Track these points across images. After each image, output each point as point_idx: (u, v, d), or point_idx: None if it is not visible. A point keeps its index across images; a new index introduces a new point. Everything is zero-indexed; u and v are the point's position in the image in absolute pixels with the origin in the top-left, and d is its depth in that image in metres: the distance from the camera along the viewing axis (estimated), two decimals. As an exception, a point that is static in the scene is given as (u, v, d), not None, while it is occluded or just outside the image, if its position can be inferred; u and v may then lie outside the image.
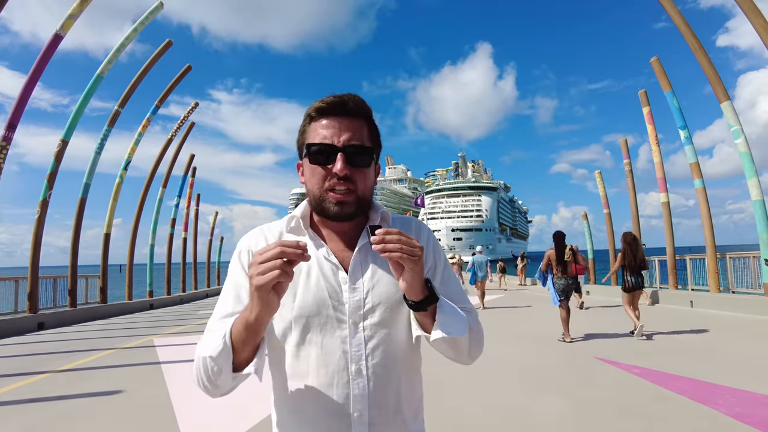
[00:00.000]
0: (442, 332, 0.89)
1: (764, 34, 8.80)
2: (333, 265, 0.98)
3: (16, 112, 9.31)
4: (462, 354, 0.97)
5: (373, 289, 0.97)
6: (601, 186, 17.88)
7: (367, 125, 0.99)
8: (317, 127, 0.96)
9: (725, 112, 10.28)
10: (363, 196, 0.97)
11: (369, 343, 0.95)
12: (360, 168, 0.95)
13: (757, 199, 9.82)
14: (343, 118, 0.96)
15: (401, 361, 0.98)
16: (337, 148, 0.93)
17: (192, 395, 4.65)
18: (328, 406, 0.93)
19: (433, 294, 0.89)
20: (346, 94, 0.97)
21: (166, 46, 13.49)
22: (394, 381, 0.97)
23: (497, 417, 3.89)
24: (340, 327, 0.95)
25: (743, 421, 3.51)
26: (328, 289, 0.95)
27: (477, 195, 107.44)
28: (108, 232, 14.11)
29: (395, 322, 0.97)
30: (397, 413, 0.97)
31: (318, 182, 0.95)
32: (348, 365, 0.93)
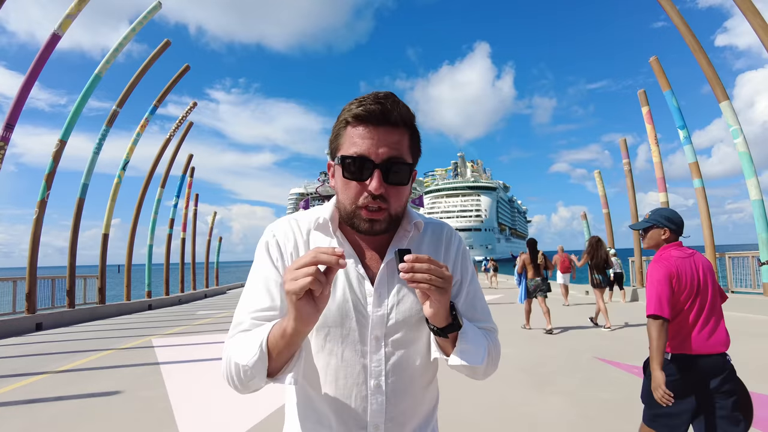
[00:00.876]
0: (460, 360, 0.88)
1: (763, 33, 8.81)
2: (360, 275, 0.93)
3: (13, 112, 9.28)
4: (477, 375, 0.97)
5: (398, 305, 0.93)
6: (600, 186, 17.91)
7: (409, 135, 0.91)
8: (354, 135, 0.88)
9: (724, 111, 10.29)
10: (396, 213, 0.91)
11: (390, 360, 0.92)
12: (396, 186, 0.88)
13: (756, 198, 9.83)
14: (382, 127, 0.87)
15: (420, 377, 0.98)
16: (374, 164, 0.86)
17: (190, 395, 4.63)
18: (345, 416, 0.92)
19: (457, 322, 0.86)
20: (387, 98, 0.88)
21: (165, 45, 13.47)
22: (412, 397, 0.96)
23: (496, 417, 3.89)
24: (362, 341, 0.92)
25: (743, 421, 3.51)
26: (353, 301, 0.92)
27: (476, 195, 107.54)
28: (106, 233, 14.08)
29: (417, 340, 0.95)
30: (415, 422, 0.98)
31: (351, 197, 0.89)
32: (367, 380, 0.92)
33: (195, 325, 10.32)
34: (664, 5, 11.02)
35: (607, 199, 17.72)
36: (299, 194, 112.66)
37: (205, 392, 4.78)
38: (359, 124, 0.87)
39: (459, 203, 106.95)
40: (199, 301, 18.66)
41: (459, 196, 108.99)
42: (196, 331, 9.27)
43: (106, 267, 13.57)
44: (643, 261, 14.77)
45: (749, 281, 10.69)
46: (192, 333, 9.07)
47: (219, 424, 3.86)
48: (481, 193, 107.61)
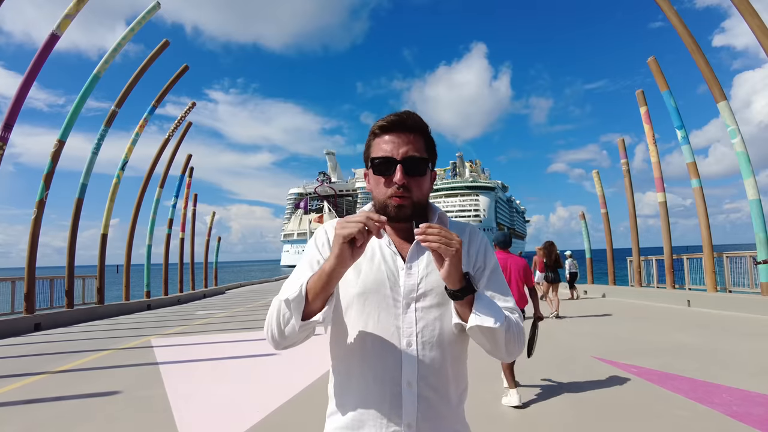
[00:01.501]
0: (477, 320, 0.99)
1: (760, 34, 8.84)
2: (392, 252, 1.12)
3: (12, 112, 9.27)
4: (499, 347, 1.05)
5: (427, 277, 1.09)
6: (598, 186, 17.93)
7: (423, 138, 1.13)
8: (380, 142, 1.11)
9: (722, 112, 10.32)
10: (418, 200, 1.10)
11: (419, 323, 1.07)
12: (416, 177, 1.09)
13: (753, 198, 9.87)
14: (401, 133, 1.10)
15: (448, 344, 1.09)
16: (396, 161, 1.07)
17: (190, 395, 4.64)
18: (382, 372, 1.05)
19: (470, 286, 1.00)
20: (405, 112, 1.12)
21: (163, 46, 13.45)
22: (442, 360, 1.07)
23: (494, 417, 3.90)
24: (396, 306, 1.08)
25: (741, 420, 3.53)
26: (387, 272, 1.10)
27: (475, 195, 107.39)
28: (105, 233, 14.05)
29: (444, 308, 1.09)
30: (444, 393, 1.08)
31: (381, 190, 1.10)
32: (400, 339, 1.06)
33: (194, 325, 10.32)
34: (662, 5, 11.04)
35: (605, 199, 17.74)
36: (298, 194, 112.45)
37: (205, 392, 4.78)
38: (383, 133, 1.11)
39: (458, 203, 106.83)
40: (198, 301, 18.64)
41: (458, 195, 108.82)
42: (195, 331, 9.27)
43: (104, 267, 13.55)
44: (641, 261, 14.80)
45: (747, 281, 10.73)
46: (191, 333, 9.07)
47: (218, 424, 3.87)
48: (479, 193, 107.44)
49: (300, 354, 5.77)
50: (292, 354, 6.15)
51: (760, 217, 9.68)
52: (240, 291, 24.00)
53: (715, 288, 11.01)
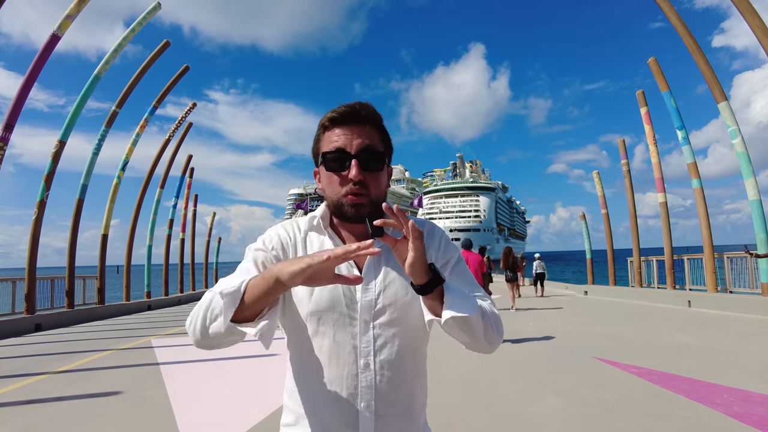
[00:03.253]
0: (451, 312, 0.90)
1: (760, 34, 8.84)
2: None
3: (13, 113, 9.28)
4: (477, 337, 0.96)
5: (385, 291, 1.02)
6: (599, 186, 17.91)
7: (378, 131, 1.04)
8: (331, 135, 1.01)
9: (722, 112, 10.32)
10: (376, 198, 1.01)
11: (378, 341, 1.00)
12: (373, 172, 1.01)
13: (754, 198, 9.86)
14: (355, 126, 1.01)
15: (408, 358, 1.03)
16: (351, 155, 0.99)
17: (190, 395, 4.64)
18: (338, 395, 0.99)
19: (438, 276, 0.91)
20: (357, 102, 1.02)
21: (164, 46, 13.46)
22: (401, 376, 1.01)
23: (494, 416, 3.89)
24: (352, 324, 1.00)
25: (741, 420, 3.52)
26: (343, 288, 1.01)
27: (475, 195, 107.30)
28: (105, 233, 14.06)
29: (404, 322, 1.02)
30: (404, 407, 1.02)
31: (335, 188, 1.01)
32: (357, 360, 0.99)
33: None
34: (662, 6, 11.05)
35: (605, 200, 17.73)
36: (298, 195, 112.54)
37: (205, 392, 4.78)
38: (334, 126, 1.02)
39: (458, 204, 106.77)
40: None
41: (458, 196, 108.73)
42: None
43: (105, 267, 13.55)
44: (642, 262, 14.79)
45: (747, 281, 10.72)
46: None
47: (219, 424, 3.87)
48: (479, 194, 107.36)
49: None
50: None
51: (761, 217, 9.67)
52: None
53: (715, 288, 11.00)
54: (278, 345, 1.07)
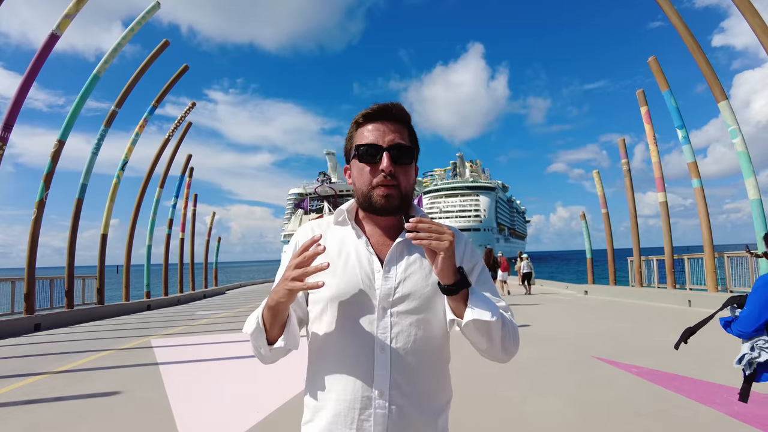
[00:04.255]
0: (473, 314, 0.95)
1: (761, 33, 8.83)
2: (369, 253, 1.08)
3: (12, 112, 9.26)
4: (495, 343, 1.01)
5: (405, 281, 1.05)
6: (599, 186, 17.90)
7: (407, 129, 1.11)
8: (364, 131, 1.08)
9: (723, 111, 10.31)
10: (405, 191, 1.07)
11: (394, 328, 1.03)
12: (403, 166, 1.06)
13: (754, 198, 9.85)
14: (387, 122, 1.08)
15: (426, 350, 1.04)
16: (383, 148, 1.05)
17: (190, 396, 4.63)
18: (354, 379, 1.02)
19: (465, 279, 0.96)
20: (389, 102, 1.09)
21: (164, 45, 13.44)
22: (417, 367, 1.03)
23: (495, 417, 3.89)
24: (370, 310, 1.04)
25: (742, 420, 3.52)
26: (362, 275, 1.05)
27: (475, 195, 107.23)
28: (105, 233, 14.05)
29: (423, 314, 1.05)
30: (419, 402, 1.03)
31: (366, 179, 1.07)
32: (374, 346, 1.02)
33: (194, 325, 10.31)
34: (662, 5, 11.03)
35: (606, 199, 17.72)
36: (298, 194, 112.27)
37: (205, 392, 4.77)
38: (367, 122, 1.09)
39: (458, 203, 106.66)
40: (198, 301, 18.63)
41: (458, 196, 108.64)
42: (195, 332, 9.26)
43: (104, 267, 13.54)
44: (642, 261, 14.78)
45: (748, 281, 10.71)
46: (191, 333, 9.06)
47: (218, 424, 3.86)
48: (479, 193, 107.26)
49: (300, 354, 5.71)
50: (293, 354, 6.13)
51: (761, 217, 9.66)
52: (240, 291, 24.00)
53: (716, 288, 10.99)
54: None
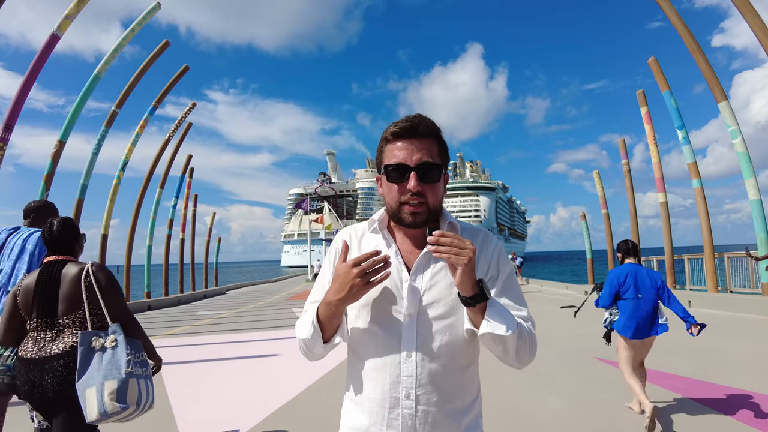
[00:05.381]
0: (488, 328, 1.00)
1: (760, 33, 8.84)
2: (399, 262, 1.13)
3: (12, 113, 9.28)
4: (509, 354, 1.05)
5: (431, 289, 1.10)
6: (599, 186, 17.93)
7: (437, 143, 1.13)
8: (393, 149, 1.11)
9: (723, 112, 10.31)
10: (433, 207, 1.11)
11: (420, 335, 1.08)
12: (430, 183, 1.09)
13: (754, 198, 9.86)
14: (414, 139, 1.09)
15: (450, 354, 1.09)
16: (410, 168, 1.07)
17: (190, 396, 4.63)
18: (383, 381, 1.08)
19: (483, 293, 0.99)
20: (417, 116, 1.11)
21: (164, 46, 13.47)
22: (442, 371, 1.08)
23: (496, 417, 3.89)
24: (398, 317, 1.09)
25: (740, 420, 3.52)
26: (392, 284, 1.11)
27: (475, 195, 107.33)
28: (105, 233, 14.08)
29: (448, 319, 1.09)
30: (445, 405, 1.08)
31: (395, 197, 1.10)
32: (401, 349, 1.07)
33: (194, 325, 10.31)
34: (662, 5, 11.04)
35: (606, 200, 17.74)
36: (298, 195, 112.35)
37: (205, 393, 4.77)
38: (396, 139, 1.11)
39: (458, 203, 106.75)
40: (199, 301, 18.64)
41: (458, 196, 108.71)
42: (195, 332, 9.26)
43: (105, 268, 13.54)
44: (642, 262, 14.78)
45: (748, 281, 10.71)
46: (191, 334, 9.06)
47: (219, 424, 3.86)
48: (480, 194, 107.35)
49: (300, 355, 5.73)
50: (293, 355, 6.14)
51: (762, 217, 9.67)
52: (240, 291, 24.00)
53: (716, 288, 10.99)
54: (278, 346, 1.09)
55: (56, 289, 2.13)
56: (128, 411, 1.94)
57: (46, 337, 2.06)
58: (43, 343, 2.05)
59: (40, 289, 2.11)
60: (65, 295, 2.11)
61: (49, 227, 2.24)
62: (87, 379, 1.92)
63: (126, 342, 2.06)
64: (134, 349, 2.07)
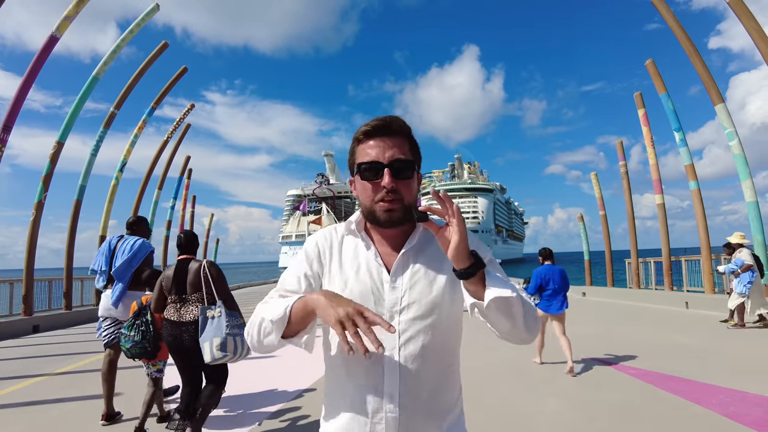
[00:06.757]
0: (494, 293, 0.95)
1: (756, 36, 8.90)
2: (378, 264, 1.12)
3: (11, 114, 9.25)
4: (517, 321, 1.00)
5: (411, 289, 1.09)
6: (597, 188, 17.96)
7: (408, 141, 1.13)
8: (365, 147, 1.10)
9: (719, 114, 10.36)
10: (409, 204, 1.09)
11: (402, 336, 1.07)
12: (404, 180, 1.09)
13: (751, 200, 9.90)
14: (386, 137, 1.09)
15: (434, 354, 1.08)
16: (384, 165, 1.07)
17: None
18: (366, 385, 1.06)
19: (480, 261, 0.98)
20: (388, 116, 1.11)
21: (162, 47, 13.45)
22: (426, 371, 1.07)
23: (496, 418, 3.91)
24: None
25: (737, 421, 3.55)
26: (371, 286, 1.10)
27: (473, 196, 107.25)
28: (103, 234, 14.03)
29: (429, 319, 1.08)
30: (430, 401, 1.08)
31: (369, 196, 1.09)
32: (383, 353, 1.05)
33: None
34: (659, 8, 11.10)
35: (603, 201, 17.78)
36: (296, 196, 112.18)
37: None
38: (368, 138, 1.11)
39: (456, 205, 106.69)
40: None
41: (456, 197, 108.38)
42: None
43: (103, 269, 13.51)
44: (639, 263, 14.83)
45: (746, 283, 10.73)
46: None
47: (219, 424, 3.87)
48: (478, 195, 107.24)
49: (300, 356, 5.77)
50: (293, 356, 6.15)
51: (758, 219, 9.72)
52: (239, 293, 23.94)
53: (713, 290, 11.04)
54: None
55: (185, 277, 3.37)
56: (228, 357, 3.01)
57: (180, 308, 3.31)
58: (179, 312, 3.30)
59: (176, 277, 3.38)
60: (191, 282, 3.35)
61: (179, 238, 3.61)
62: (204, 337, 3.05)
63: (226, 313, 3.11)
64: (232, 317, 3.11)
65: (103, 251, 4.32)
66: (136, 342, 3.46)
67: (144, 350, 3.47)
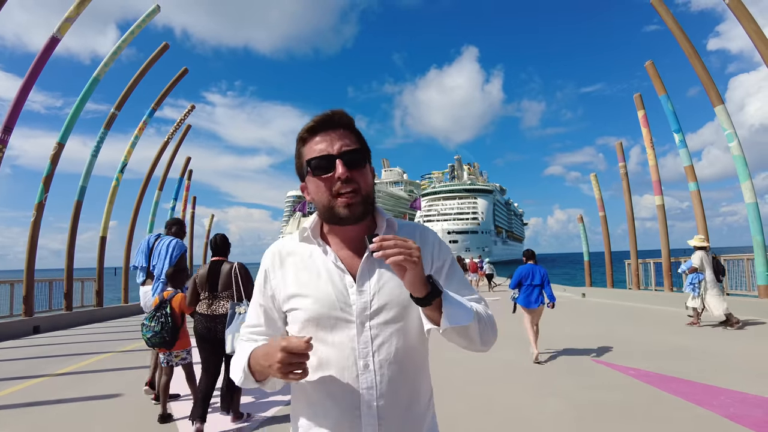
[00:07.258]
0: (449, 322, 0.94)
1: (756, 38, 8.91)
2: (340, 270, 1.06)
3: (11, 115, 9.26)
4: (474, 341, 1.02)
5: (379, 292, 1.04)
6: (596, 189, 17.96)
7: (353, 133, 1.08)
8: (311, 145, 1.05)
9: (719, 115, 10.38)
10: (367, 194, 1.05)
11: (375, 341, 1.02)
12: (358, 169, 1.04)
13: (750, 201, 9.91)
14: (331, 130, 1.05)
15: (408, 357, 1.05)
16: (335, 156, 1.02)
17: (190, 397, 4.64)
18: (340, 398, 1.02)
19: (436, 289, 0.94)
20: (329, 110, 1.07)
21: (163, 48, 13.46)
22: (401, 376, 1.04)
23: (495, 418, 3.92)
24: (348, 327, 1.02)
25: (738, 422, 3.55)
26: (336, 293, 1.04)
27: (473, 197, 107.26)
28: (104, 235, 14.04)
29: (400, 322, 1.04)
30: (407, 406, 1.05)
31: (324, 192, 1.04)
32: (356, 361, 1.01)
33: (193, 327, 10.29)
34: (658, 9, 11.12)
35: (603, 202, 17.79)
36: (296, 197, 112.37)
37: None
38: (312, 135, 1.06)
39: (456, 206, 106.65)
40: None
41: (456, 198, 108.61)
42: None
43: (103, 270, 13.52)
44: (639, 264, 14.84)
45: (744, 284, 10.76)
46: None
47: (219, 425, 3.88)
48: (477, 196, 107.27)
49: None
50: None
51: (757, 220, 9.73)
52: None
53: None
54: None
55: (218, 277, 3.80)
56: None
57: (212, 304, 3.79)
58: (211, 307, 3.78)
59: (209, 276, 3.80)
60: (222, 281, 3.79)
61: (214, 241, 3.99)
62: (230, 329, 3.50)
63: None
64: None
65: (142, 249, 4.73)
66: (156, 332, 3.84)
67: (162, 340, 3.87)
